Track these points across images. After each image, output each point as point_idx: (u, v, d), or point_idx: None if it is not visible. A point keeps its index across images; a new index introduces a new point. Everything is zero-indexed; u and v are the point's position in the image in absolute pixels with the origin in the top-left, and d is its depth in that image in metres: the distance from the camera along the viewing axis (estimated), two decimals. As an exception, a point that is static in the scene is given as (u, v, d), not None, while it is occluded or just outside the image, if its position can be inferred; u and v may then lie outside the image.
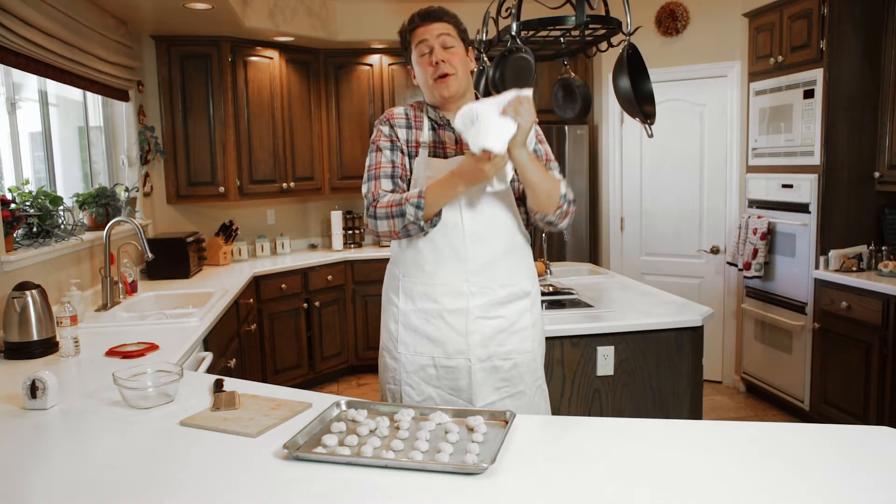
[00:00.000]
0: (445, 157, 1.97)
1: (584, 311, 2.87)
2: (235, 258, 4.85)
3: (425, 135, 1.99)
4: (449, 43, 1.93)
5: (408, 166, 1.99)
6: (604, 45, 3.13)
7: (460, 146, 1.96)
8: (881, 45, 3.74)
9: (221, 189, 4.65)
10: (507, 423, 1.49)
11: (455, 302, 1.93)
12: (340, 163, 5.31)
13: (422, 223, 1.86)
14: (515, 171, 1.86)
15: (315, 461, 1.34)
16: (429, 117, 2.01)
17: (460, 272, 1.93)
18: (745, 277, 4.34)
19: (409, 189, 1.96)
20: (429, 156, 1.97)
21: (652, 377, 2.73)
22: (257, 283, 4.36)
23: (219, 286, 3.69)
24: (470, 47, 2.01)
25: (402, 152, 1.98)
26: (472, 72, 2.04)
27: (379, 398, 2.12)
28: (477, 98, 2.03)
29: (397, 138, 1.99)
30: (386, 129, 2.00)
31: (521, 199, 2.01)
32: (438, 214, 1.88)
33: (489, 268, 1.93)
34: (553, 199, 1.90)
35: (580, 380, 2.70)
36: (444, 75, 1.92)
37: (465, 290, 1.93)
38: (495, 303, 1.94)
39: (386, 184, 1.95)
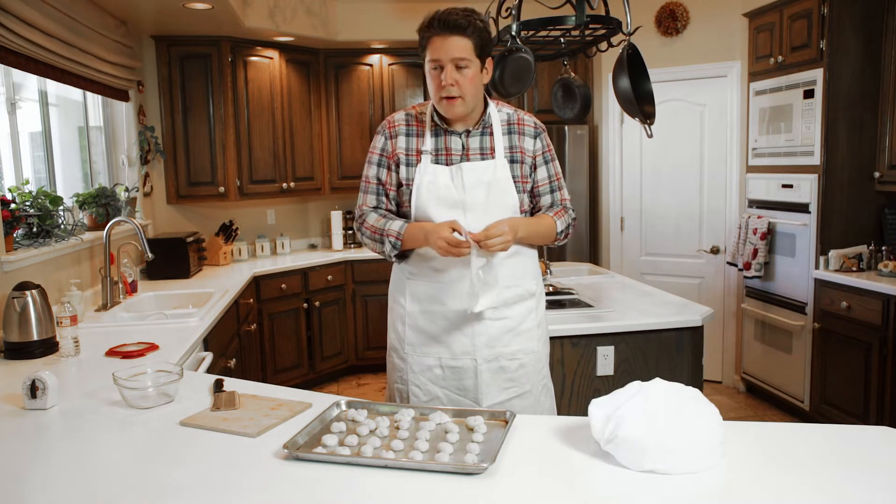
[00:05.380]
0: (449, 163, 1.96)
1: (584, 311, 2.87)
2: (235, 258, 4.85)
3: (427, 142, 1.98)
4: (462, 64, 1.86)
5: (394, 181, 2.01)
6: (604, 45, 3.13)
7: (465, 152, 1.96)
8: (881, 45, 3.74)
9: (221, 189, 4.65)
10: (507, 423, 1.49)
11: (460, 303, 1.94)
12: (340, 163, 5.31)
13: (394, 258, 2.01)
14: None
15: (315, 461, 1.34)
16: (433, 121, 1.99)
17: (465, 273, 1.93)
18: (745, 277, 4.34)
19: (401, 198, 2.01)
20: (431, 163, 1.97)
21: (652, 377, 2.71)
22: (257, 283, 4.36)
23: (219, 286, 3.68)
24: (489, 58, 1.93)
25: (390, 168, 2.01)
26: (485, 84, 1.97)
27: (386, 398, 2.13)
28: (486, 103, 1.99)
29: (392, 150, 2.01)
30: (380, 142, 2.04)
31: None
32: (411, 250, 2.00)
33: (495, 269, 1.93)
34: (550, 240, 2.05)
35: (580, 380, 2.70)
36: (451, 97, 1.88)
37: (471, 291, 1.93)
38: (501, 303, 1.95)
39: (371, 199, 2.05)
